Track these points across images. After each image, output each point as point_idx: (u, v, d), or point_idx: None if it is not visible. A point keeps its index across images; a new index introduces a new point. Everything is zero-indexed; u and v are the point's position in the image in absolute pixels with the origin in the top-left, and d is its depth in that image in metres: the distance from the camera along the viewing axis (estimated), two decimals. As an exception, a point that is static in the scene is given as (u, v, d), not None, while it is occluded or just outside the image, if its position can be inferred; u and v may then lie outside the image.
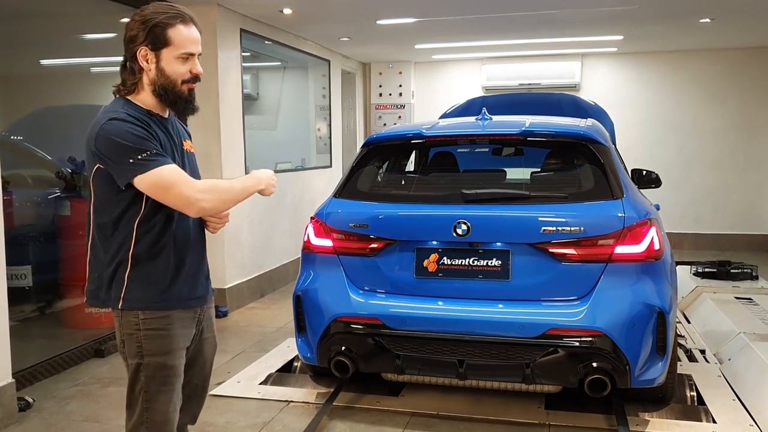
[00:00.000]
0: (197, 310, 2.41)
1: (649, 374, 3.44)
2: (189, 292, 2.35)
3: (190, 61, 2.27)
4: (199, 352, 2.50)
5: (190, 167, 2.39)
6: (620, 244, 3.40)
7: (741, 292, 6.22)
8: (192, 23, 2.28)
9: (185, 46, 2.24)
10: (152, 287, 2.27)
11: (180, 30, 2.24)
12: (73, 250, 5.48)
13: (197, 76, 2.30)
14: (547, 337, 3.37)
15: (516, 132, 3.81)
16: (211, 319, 2.55)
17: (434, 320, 3.53)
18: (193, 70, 2.28)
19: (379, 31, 7.49)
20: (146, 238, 2.25)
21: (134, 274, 2.26)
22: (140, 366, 2.26)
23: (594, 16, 6.89)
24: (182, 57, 2.24)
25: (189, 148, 2.45)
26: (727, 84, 9.44)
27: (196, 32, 2.29)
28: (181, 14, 2.26)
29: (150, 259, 2.26)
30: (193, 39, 2.27)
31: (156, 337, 2.27)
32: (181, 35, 2.24)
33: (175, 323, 2.31)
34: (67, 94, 6.28)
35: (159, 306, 2.28)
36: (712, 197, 9.63)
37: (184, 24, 2.25)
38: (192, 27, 2.27)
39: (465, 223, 3.47)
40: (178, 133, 2.40)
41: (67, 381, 4.46)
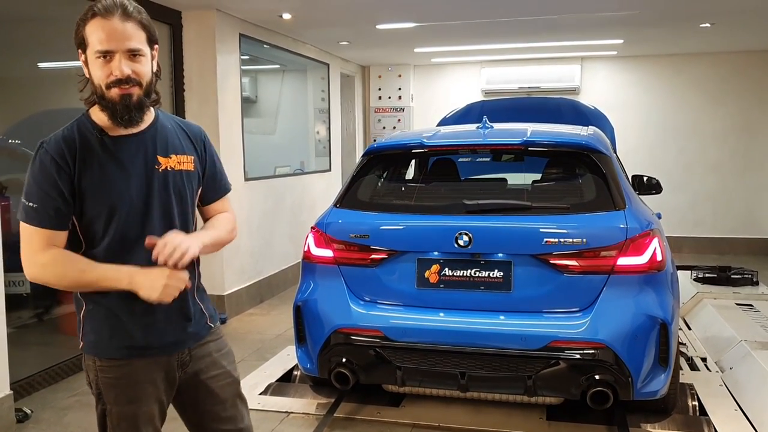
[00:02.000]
0: (176, 355, 2.10)
1: (652, 386, 3.42)
2: (149, 339, 2.03)
3: (113, 60, 1.87)
4: (207, 394, 2.18)
5: (164, 188, 2.03)
6: (623, 255, 3.38)
7: (742, 298, 6.20)
8: (114, 14, 1.87)
9: (99, 42, 1.86)
10: (102, 332, 2.01)
11: (95, 25, 1.87)
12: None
13: (121, 79, 1.88)
14: (549, 349, 3.35)
15: (518, 142, 3.79)
16: (214, 355, 2.20)
17: (435, 332, 3.51)
18: (114, 72, 1.88)
19: (379, 35, 7.46)
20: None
21: (86, 314, 2.04)
22: (104, 412, 2.05)
23: (594, 21, 6.87)
24: (98, 56, 1.88)
25: (173, 165, 2.07)
26: (727, 87, 9.42)
27: (120, 24, 1.87)
28: (102, 6, 1.88)
29: (95, 300, 2.01)
30: (109, 33, 1.86)
31: (115, 386, 2.02)
32: (94, 30, 1.87)
33: (139, 372, 2.03)
34: (63, 98, 6.25)
35: (111, 353, 2.01)
36: (712, 201, 9.61)
37: (102, 17, 1.86)
38: (112, 19, 1.86)
39: (467, 234, 3.45)
40: (154, 149, 2.04)
41: (65, 391, 4.44)
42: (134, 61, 1.91)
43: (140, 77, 1.93)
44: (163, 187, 2.03)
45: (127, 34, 1.88)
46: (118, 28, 1.87)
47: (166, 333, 2.07)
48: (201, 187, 2.19)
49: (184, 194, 2.10)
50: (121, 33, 1.87)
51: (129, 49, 1.89)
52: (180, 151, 2.10)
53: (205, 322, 2.20)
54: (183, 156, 2.10)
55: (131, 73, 1.90)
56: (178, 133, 2.14)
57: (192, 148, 2.16)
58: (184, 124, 2.20)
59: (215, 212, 2.28)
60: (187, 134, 2.17)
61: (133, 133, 2.00)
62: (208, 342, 2.19)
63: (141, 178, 2.00)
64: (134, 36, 1.90)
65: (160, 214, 2.03)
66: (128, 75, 1.89)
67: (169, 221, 2.05)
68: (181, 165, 2.09)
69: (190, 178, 2.12)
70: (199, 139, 2.20)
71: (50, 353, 4.89)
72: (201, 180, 2.19)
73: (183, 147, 2.12)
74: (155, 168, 2.02)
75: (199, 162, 2.17)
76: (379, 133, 10.38)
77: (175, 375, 2.11)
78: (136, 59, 1.92)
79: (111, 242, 1.96)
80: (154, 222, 2.01)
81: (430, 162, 4.37)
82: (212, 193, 2.25)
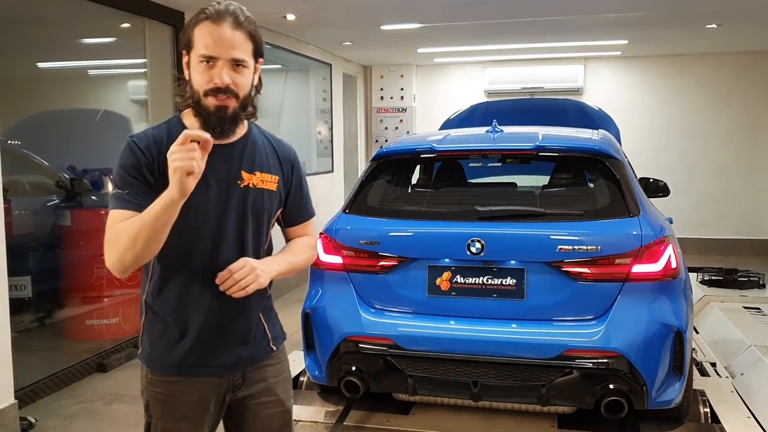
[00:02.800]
0: (228, 376, 2.02)
1: (666, 395, 3.38)
2: (203, 358, 1.97)
3: (215, 67, 1.83)
4: (254, 420, 2.10)
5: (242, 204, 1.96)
6: (637, 262, 3.33)
7: (749, 302, 6.17)
8: (225, 21, 1.83)
9: (205, 46, 1.82)
10: (157, 345, 1.98)
11: (204, 28, 1.84)
12: (74, 261, 5.41)
13: (219, 88, 1.83)
14: (563, 358, 3.30)
15: (530, 147, 3.73)
16: (270, 381, 2.10)
17: (447, 340, 3.46)
18: (214, 79, 1.83)
19: (383, 35, 7.41)
20: (154, 282, 1.96)
21: (146, 323, 2.00)
22: (149, 425, 2.03)
23: (600, 22, 6.83)
24: (202, 60, 1.83)
25: (255, 183, 1.99)
26: (732, 88, 9.38)
27: (229, 32, 1.82)
28: (214, 11, 1.84)
29: (155, 310, 1.97)
30: (216, 39, 1.82)
31: (161, 402, 1.99)
32: (202, 34, 1.84)
33: (189, 391, 1.98)
34: (63, 98, 6.20)
35: (162, 369, 1.99)
36: (716, 202, 9.58)
37: (213, 22, 1.82)
38: (222, 25, 1.82)
39: (479, 241, 3.40)
40: (240, 163, 1.97)
41: (69, 398, 4.39)
42: (236, 72, 1.86)
43: (239, 89, 1.88)
44: (242, 203, 1.97)
45: (235, 42, 1.84)
46: (226, 35, 1.83)
47: (222, 353, 2.00)
48: (282, 209, 2.13)
49: (261, 214, 2.02)
50: (229, 41, 1.83)
51: (233, 58, 1.84)
52: (266, 169, 2.04)
53: (267, 344, 2.11)
54: (267, 175, 2.04)
55: (231, 84, 1.85)
56: (268, 151, 2.08)
57: (279, 168, 2.09)
58: (276, 143, 2.14)
59: (297, 235, 2.22)
60: (277, 153, 2.11)
61: (222, 144, 1.93)
62: (265, 366, 2.10)
63: (221, 191, 1.94)
64: (241, 46, 1.86)
65: (234, 231, 1.96)
66: (227, 85, 1.84)
67: (241, 239, 1.98)
68: (263, 183, 2.02)
69: (270, 198, 2.05)
70: (288, 160, 2.13)
71: (53, 359, 4.85)
72: (282, 201, 2.11)
73: (269, 166, 2.06)
74: (237, 183, 1.97)
75: (284, 183, 2.10)
76: (381, 134, 10.33)
77: (226, 397, 2.05)
78: (238, 70, 1.87)
79: (178, 249, 1.90)
80: (226, 237, 1.95)
81: (440, 166, 4.31)
82: (296, 216, 2.19)
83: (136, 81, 6.66)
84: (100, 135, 6.29)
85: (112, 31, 6.01)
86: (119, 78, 6.92)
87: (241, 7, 1.90)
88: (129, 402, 4.30)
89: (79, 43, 6.18)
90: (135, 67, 6.35)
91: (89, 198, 5.55)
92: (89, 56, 6.42)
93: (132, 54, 6.18)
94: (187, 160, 1.66)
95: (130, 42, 6.01)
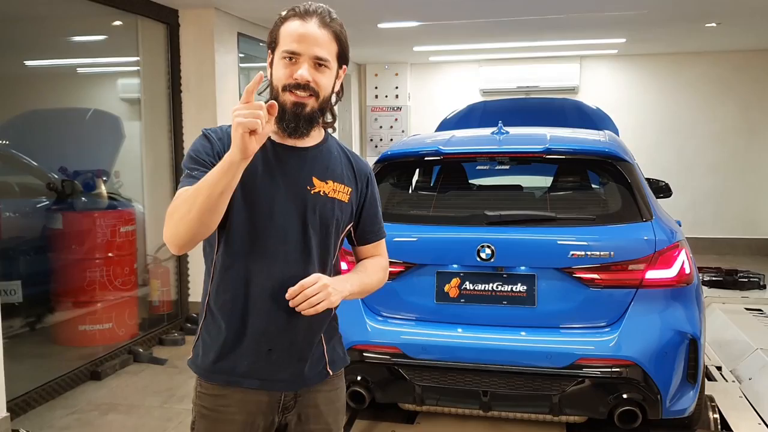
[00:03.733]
0: (279, 395, 1.90)
1: (681, 404, 3.30)
2: (254, 369, 1.85)
3: (297, 63, 1.78)
4: None
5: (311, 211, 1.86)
6: (651, 268, 3.24)
7: (751, 303, 6.14)
8: (312, 18, 1.79)
9: (289, 42, 1.78)
10: (209, 350, 1.88)
11: (291, 25, 1.79)
12: (65, 264, 5.28)
13: (299, 84, 1.77)
14: (576, 367, 3.21)
15: (539, 149, 3.63)
16: (321, 407, 1.97)
17: (456, 349, 3.36)
18: (295, 75, 1.77)
19: (379, 33, 7.30)
20: (216, 282, 1.87)
21: (203, 327, 1.91)
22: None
23: (599, 20, 6.74)
24: (285, 56, 1.78)
25: (327, 191, 1.90)
26: (728, 86, 9.33)
27: (315, 29, 1.78)
28: (303, 9, 1.81)
29: (213, 312, 1.88)
30: (301, 35, 1.77)
31: (207, 418, 1.89)
32: (288, 31, 1.79)
33: (236, 408, 1.87)
34: (53, 97, 6.06)
35: (212, 378, 1.88)
36: (711, 201, 9.53)
37: (300, 18, 1.79)
38: (309, 22, 1.78)
39: (489, 246, 3.30)
40: (312, 169, 1.89)
41: (63, 408, 4.25)
42: (318, 71, 1.80)
43: (319, 88, 1.81)
44: (311, 210, 1.87)
45: (320, 40, 1.79)
46: (312, 32, 1.79)
47: (275, 368, 1.88)
48: (353, 224, 2.03)
49: (330, 223, 1.91)
50: (314, 38, 1.79)
51: (316, 56, 1.79)
52: (339, 179, 1.94)
53: (324, 366, 1.97)
54: (340, 185, 1.94)
55: (311, 81, 1.79)
56: (343, 162, 1.99)
57: (353, 180, 1.99)
58: (353, 156, 2.04)
59: (369, 254, 2.12)
60: (352, 166, 2.01)
61: (297, 147, 1.88)
62: (319, 390, 1.97)
63: (289, 193, 1.85)
64: (325, 45, 1.81)
65: (298, 237, 1.86)
66: (308, 81, 1.78)
67: (306, 248, 1.87)
68: (335, 193, 1.92)
69: (342, 208, 1.94)
70: (364, 174, 2.03)
71: (45, 366, 4.71)
72: (354, 216, 2.01)
73: (343, 176, 1.96)
74: (307, 188, 1.87)
75: (357, 197, 2.00)
76: (375, 133, 10.22)
77: (275, 419, 1.92)
78: (320, 69, 1.81)
79: (239, 246, 1.83)
80: (289, 242, 1.85)
81: (446, 168, 4.21)
82: (369, 234, 2.08)
83: (128, 79, 6.53)
84: (91, 135, 6.15)
85: (103, 29, 5.88)
86: (111, 76, 6.78)
87: (330, 9, 1.85)
88: (125, 412, 4.18)
89: (69, 41, 6.04)
90: (127, 65, 6.23)
91: (81, 200, 5.41)
92: (80, 54, 6.28)
93: (124, 52, 6.05)
94: (251, 117, 1.57)
95: (122, 40, 5.88)
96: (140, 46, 5.75)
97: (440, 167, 4.22)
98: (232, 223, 1.80)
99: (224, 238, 1.83)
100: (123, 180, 6.05)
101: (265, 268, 1.83)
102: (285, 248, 1.84)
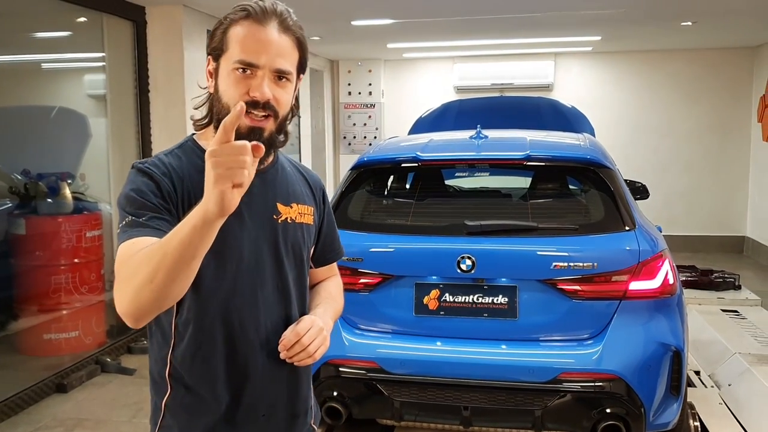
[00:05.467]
0: None
1: (664, 417, 3.24)
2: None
3: (254, 77, 1.47)
4: None
5: (282, 244, 1.61)
6: (635, 279, 3.17)
7: (726, 304, 6.13)
8: (271, 21, 1.48)
9: (244, 50, 1.46)
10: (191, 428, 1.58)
11: (244, 28, 1.48)
12: (29, 270, 5.09)
13: (258, 103, 1.46)
14: (558, 381, 3.13)
15: (520, 156, 3.54)
16: None
17: (435, 363, 3.27)
18: (253, 92, 1.46)
19: (352, 30, 7.16)
20: (185, 350, 1.56)
21: (170, 402, 1.58)
22: None
23: (575, 18, 6.67)
24: (238, 68, 1.47)
25: (294, 216, 1.65)
26: (702, 85, 9.35)
27: (276, 35, 1.47)
28: (259, 8, 1.49)
29: (186, 384, 1.56)
30: (260, 42, 1.46)
31: None
32: (241, 35, 1.47)
33: None
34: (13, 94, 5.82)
35: None
36: (685, 199, 9.55)
37: (256, 21, 1.47)
38: (268, 27, 1.47)
39: (469, 257, 3.21)
40: (275, 195, 1.63)
41: (26, 424, 4.07)
42: (278, 85, 1.50)
43: (279, 106, 1.51)
44: (282, 242, 1.61)
45: (282, 49, 1.49)
46: (272, 39, 1.48)
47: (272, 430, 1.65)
48: (314, 246, 1.78)
49: (303, 253, 1.68)
50: (275, 47, 1.48)
51: (277, 69, 1.48)
52: (301, 200, 1.69)
53: (310, 424, 1.75)
54: (304, 206, 1.70)
55: (272, 99, 1.48)
56: (298, 179, 1.74)
57: (312, 197, 1.76)
58: (303, 169, 1.80)
59: (325, 276, 1.88)
60: (307, 181, 1.77)
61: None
62: None
63: (257, 229, 1.57)
64: (288, 54, 1.51)
65: (274, 276, 1.61)
66: (268, 99, 1.47)
67: (284, 287, 1.63)
68: (302, 217, 1.68)
69: (309, 233, 1.71)
70: (319, 188, 1.80)
71: (8, 378, 4.53)
72: (317, 237, 1.78)
73: (304, 195, 1.72)
74: (274, 218, 1.61)
75: (318, 215, 1.77)
76: (349, 130, 10.08)
77: None
78: (281, 84, 1.51)
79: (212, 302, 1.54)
80: (266, 286, 1.59)
81: (424, 174, 4.10)
82: (330, 254, 1.86)
83: (94, 75, 6.32)
84: (56, 135, 5.93)
85: (68, 26, 5.66)
86: (76, 72, 6.55)
87: (288, 8, 1.54)
88: (91, 428, 4.02)
89: (31, 38, 5.81)
90: (93, 61, 6.02)
91: (45, 204, 5.22)
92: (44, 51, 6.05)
93: (89, 50, 5.84)
94: (236, 165, 1.21)
95: (87, 37, 5.67)
96: (105, 43, 5.56)
97: (418, 173, 4.11)
98: (200, 277, 1.42)
99: (189, 295, 1.49)
100: (89, 180, 5.85)
101: (247, 320, 1.57)
102: (263, 293, 1.60)
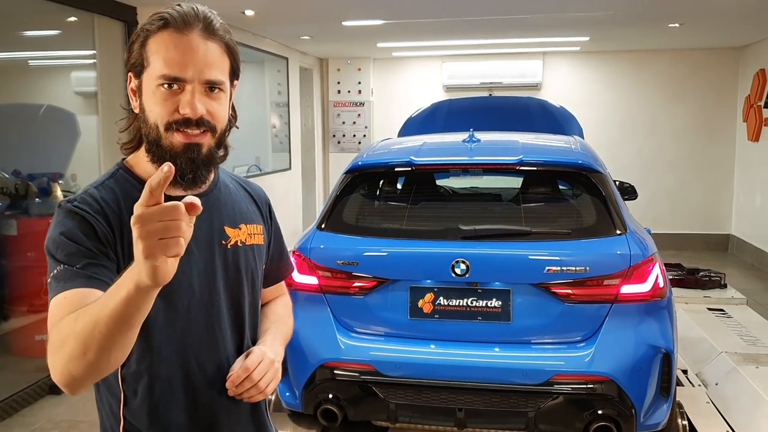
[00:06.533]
0: None
1: (655, 418, 3.30)
2: None
3: (182, 93, 1.32)
4: None
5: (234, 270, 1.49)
6: (626, 283, 3.23)
7: (713, 303, 6.20)
8: (194, 29, 1.33)
9: (167, 64, 1.31)
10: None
11: (164, 39, 1.32)
12: (21, 270, 5.08)
13: (190, 120, 1.32)
14: (551, 383, 3.19)
15: (513, 161, 3.59)
16: None
17: (430, 366, 3.31)
18: (183, 108, 1.32)
19: (343, 30, 7.18)
20: (139, 405, 1.43)
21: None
22: None
23: (564, 20, 6.73)
24: (162, 83, 1.32)
25: (243, 239, 1.52)
26: (687, 84, 9.45)
27: (200, 43, 1.33)
28: (177, 14, 1.33)
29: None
30: (184, 53, 1.31)
31: None
32: (162, 47, 1.32)
33: None
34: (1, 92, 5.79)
35: None
36: (670, 197, 9.66)
37: (177, 30, 1.32)
38: (190, 35, 1.32)
39: (464, 261, 3.25)
40: (220, 217, 1.49)
41: (20, 427, 4.08)
42: (211, 98, 1.36)
43: (215, 120, 1.37)
44: (234, 268, 1.49)
45: (209, 58, 1.34)
46: (197, 48, 1.32)
47: None
48: (264, 265, 1.64)
49: (256, 277, 1.56)
50: (202, 56, 1.33)
51: (208, 80, 1.34)
52: (249, 220, 1.56)
53: None
54: (253, 226, 1.57)
55: (205, 114, 1.34)
56: (243, 196, 1.61)
57: (259, 215, 1.63)
58: (246, 184, 1.66)
59: (274, 296, 1.76)
60: (252, 197, 1.64)
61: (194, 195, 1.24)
62: None
63: (205, 259, 1.44)
64: (217, 63, 1.36)
65: (229, 307, 1.49)
66: (201, 115, 1.34)
67: (239, 318, 1.51)
68: (252, 238, 1.55)
69: (261, 254, 1.59)
70: (264, 203, 1.67)
71: (1, 381, 4.51)
72: (266, 255, 1.66)
73: (251, 214, 1.59)
74: (222, 244, 1.48)
75: (267, 233, 1.65)
76: (338, 129, 10.09)
77: None
78: (214, 95, 1.36)
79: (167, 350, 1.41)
80: (222, 319, 1.47)
81: (418, 177, 4.14)
82: (279, 271, 1.74)
83: (83, 72, 6.29)
84: (45, 134, 5.91)
85: (58, 26, 5.64)
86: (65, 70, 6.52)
87: (211, 10, 1.39)
88: (87, 429, 4.03)
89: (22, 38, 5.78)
90: (83, 59, 5.99)
91: (36, 205, 5.21)
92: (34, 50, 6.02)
93: (80, 47, 5.83)
94: (168, 234, 1.04)
95: (78, 38, 5.66)
96: (97, 43, 5.54)
97: (412, 177, 4.15)
98: (150, 322, 1.28)
99: (139, 345, 1.31)
100: (80, 180, 5.84)
101: (206, 360, 1.44)
102: (220, 326, 1.47)
